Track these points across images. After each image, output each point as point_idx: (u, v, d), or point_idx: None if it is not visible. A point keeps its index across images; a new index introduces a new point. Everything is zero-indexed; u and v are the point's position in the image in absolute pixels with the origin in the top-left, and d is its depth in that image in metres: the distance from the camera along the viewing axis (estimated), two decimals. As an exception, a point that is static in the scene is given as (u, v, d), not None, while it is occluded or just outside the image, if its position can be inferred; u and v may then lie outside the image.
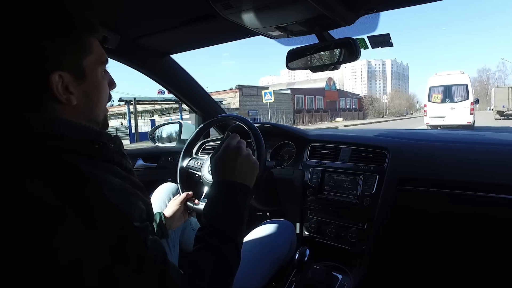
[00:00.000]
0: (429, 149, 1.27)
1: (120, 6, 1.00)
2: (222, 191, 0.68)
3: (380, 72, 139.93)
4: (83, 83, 0.56)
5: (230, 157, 0.72)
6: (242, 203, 0.69)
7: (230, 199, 0.67)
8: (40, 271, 0.41)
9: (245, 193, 0.70)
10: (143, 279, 0.47)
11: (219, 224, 0.64)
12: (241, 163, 0.72)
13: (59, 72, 0.52)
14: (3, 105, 0.52)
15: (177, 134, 1.87)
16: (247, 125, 1.10)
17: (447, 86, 11.67)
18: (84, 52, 0.56)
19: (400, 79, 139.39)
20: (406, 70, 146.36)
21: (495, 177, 1.07)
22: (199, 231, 0.64)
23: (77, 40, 0.55)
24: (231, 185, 0.69)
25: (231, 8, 0.91)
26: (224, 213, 0.65)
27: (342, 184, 1.31)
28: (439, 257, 1.26)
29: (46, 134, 0.51)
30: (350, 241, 1.26)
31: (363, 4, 0.95)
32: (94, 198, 0.46)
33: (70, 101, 0.54)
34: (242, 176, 0.71)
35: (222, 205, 0.66)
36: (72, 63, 0.54)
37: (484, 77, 75.61)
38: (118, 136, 0.63)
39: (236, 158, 0.72)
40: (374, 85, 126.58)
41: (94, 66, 0.58)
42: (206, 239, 0.62)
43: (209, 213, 0.66)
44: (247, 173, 0.72)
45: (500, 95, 20.60)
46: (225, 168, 0.71)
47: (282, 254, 1.05)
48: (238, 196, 0.68)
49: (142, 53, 1.38)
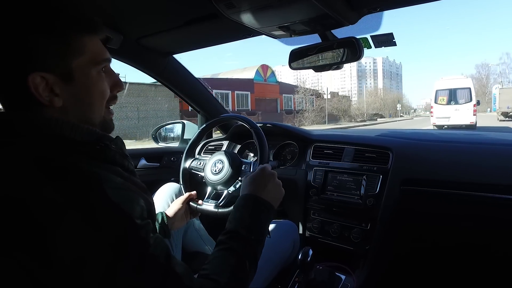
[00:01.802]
0: (432, 150, 1.26)
1: (123, 6, 1.00)
2: (251, 203, 0.74)
3: (371, 71, 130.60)
4: (71, 85, 0.54)
5: (264, 178, 0.80)
6: (266, 218, 0.75)
7: (257, 212, 0.73)
8: (43, 269, 0.41)
9: (269, 211, 0.76)
10: (146, 276, 0.47)
11: (244, 231, 0.67)
12: (272, 186, 0.80)
13: (41, 73, 0.50)
14: (6, 106, 0.52)
15: (180, 133, 1.87)
16: (249, 125, 1.10)
17: (452, 89, 12.77)
18: (73, 53, 0.53)
19: (392, 78, 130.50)
20: (399, 69, 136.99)
21: (499, 178, 1.06)
22: (223, 234, 0.67)
23: (65, 40, 0.52)
24: (261, 200, 0.75)
25: (233, 8, 0.91)
26: (249, 222, 0.70)
27: (345, 184, 1.30)
28: (443, 258, 1.25)
29: (48, 135, 0.51)
30: (353, 242, 1.26)
31: (366, 4, 0.94)
32: (96, 196, 0.46)
33: (54, 103, 0.52)
34: (270, 197, 0.78)
35: (249, 216, 0.71)
36: (58, 64, 0.52)
37: (483, 74, 63.92)
38: (120, 138, 0.63)
39: (269, 180, 0.80)
40: (364, 85, 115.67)
41: (85, 67, 0.55)
42: (230, 243, 0.65)
43: (235, 220, 0.70)
44: (275, 196, 0.80)
45: (504, 96, 20.28)
46: (257, 186, 0.78)
47: (285, 255, 1.05)
48: (264, 211, 0.74)
49: (145, 53, 1.38)
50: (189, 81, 1.66)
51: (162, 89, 14.90)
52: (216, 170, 1.09)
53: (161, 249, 0.51)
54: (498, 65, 59.32)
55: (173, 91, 1.66)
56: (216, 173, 1.08)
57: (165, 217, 0.98)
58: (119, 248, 0.45)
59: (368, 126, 21.48)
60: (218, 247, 0.64)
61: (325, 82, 59.56)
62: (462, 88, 12.64)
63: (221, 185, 1.07)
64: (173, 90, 1.65)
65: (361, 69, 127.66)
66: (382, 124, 25.82)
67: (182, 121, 1.88)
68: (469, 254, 1.20)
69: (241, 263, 0.62)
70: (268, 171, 0.83)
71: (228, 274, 0.59)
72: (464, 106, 12.35)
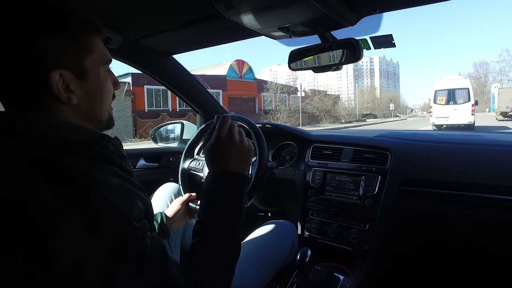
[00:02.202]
0: (431, 150, 1.26)
1: (122, 6, 1.00)
2: (216, 183, 0.67)
3: (368, 70, 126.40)
4: (85, 82, 0.56)
5: (222, 146, 0.69)
6: (238, 193, 0.67)
7: (225, 191, 0.66)
8: (42, 272, 0.41)
9: (240, 182, 0.68)
10: (144, 277, 0.47)
11: (216, 217, 0.63)
12: (235, 151, 0.69)
13: (59, 70, 0.52)
14: (7, 105, 0.52)
15: (179, 134, 1.87)
16: (248, 125, 1.10)
17: (450, 89, 13.11)
18: (85, 51, 0.56)
19: (389, 78, 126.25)
20: (396, 69, 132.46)
21: (498, 179, 1.06)
22: (197, 223, 0.64)
23: (78, 39, 0.55)
24: (225, 176, 0.67)
25: (233, 9, 0.91)
26: (220, 205, 0.64)
27: (344, 185, 1.31)
28: (441, 258, 1.25)
29: (46, 136, 0.51)
30: (351, 242, 1.26)
31: (366, 5, 0.94)
32: (94, 199, 0.46)
33: (71, 100, 0.54)
34: (236, 165, 0.69)
35: (217, 197, 0.65)
36: (73, 62, 0.54)
37: (482, 72, 59.71)
38: (118, 138, 0.63)
39: (230, 146, 0.69)
40: (361, 85, 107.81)
41: (96, 66, 0.58)
42: (204, 233, 0.62)
43: (205, 206, 0.65)
44: (241, 161, 0.70)
45: (504, 95, 20.15)
46: (218, 159, 0.69)
47: (284, 255, 1.05)
48: (234, 187, 0.67)
49: (145, 53, 1.38)
50: (188, 81, 1.67)
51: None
52: None
53: (157, 249, 0.51)
54: (497, 62, 54.71)
55: (172, 91, 1.66)
56: None
57: (164, 217, 0.98)
58: (117, 251, 0.45)
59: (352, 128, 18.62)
60: (194, 240, 0.61)
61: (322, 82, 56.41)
62: (461, 89, 12.98)
63: None
64: (172, 90, 1.66)
65: (357, 68, 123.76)
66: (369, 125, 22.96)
67: (181, 121, 1.89)
68: (467, 254, 1.20)
69: (220, 252, 0.60)
70: (224, 135, 0.70)
71: (209, 267, 0.58)
72: (462, 106, 12.66)
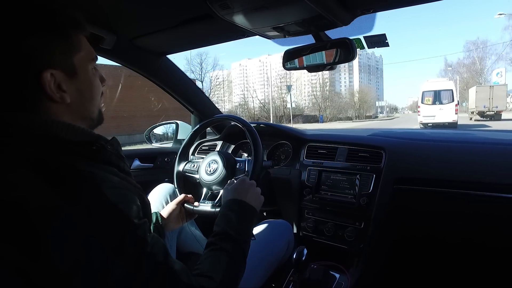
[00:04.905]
0: (424, 149, 1.28)
1: (117, 6, 1.00)
2: (237, 207, 0.79)
3: (346, 64, 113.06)
4: (75, 81, 0.57)
5: (245, 186, 0.86)
6: (251, 220, 0.80)
7: (243, 214, 0.78)
8: (40, 271, 0.41)
9: (253, 214, 0.82)
10: (144, 274, 0.48)
11: (233, 232, 0.71)
12: (253, 192, 0.86)
13: (50, 70, 0.52)
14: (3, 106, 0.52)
15: (174, 134, 1.86)
16: (242, 124, 1.10)
17: (436, 91, 14.50)
18: (73, 49, 0.57)
19: (371, 73, 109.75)
20: (379, 63, 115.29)
21: (489, 176, 1.08)
22: (212, 236, 0.71)
23: (66, 38, 0.55)
24: (245, 204, 0.81)
25: (228, 9, 0.91)
26: (237, 224, 0.74)
27: (339, 184, 1.32)
28: (436, 255, 1.27)
29: (44, 136, 0.51)
30: (347, 240, 1.27)
31: (359, 5, 0.95)
32: (94, 196, 0.46)
33: (64, 100, 0.55)
34: (253, 202, 0.83)
35: (237, 218, 0.76)
36: (63, 60, 0.55)
37: (477, 57, 41.58)
38: (116, 139, 0.63)
39: (250, 188, 0.86)
40: (338, 80, 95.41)
41: (84, 63, 0.59)
42: (220, 244, 0.68)
43: (223, 223, 0.74)
44: (256, 201, 0.85)
45: (481, 94, 19.22)
46: (240, 193, 0.83)
47: (280, 254, 1.06)
48: (249, 214, 0.80)
49: (139, 53, 1.37)
50: (183, 81, 1.66)
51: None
52: (210, 171, 1.09)
53: (158, 248, 0.52)
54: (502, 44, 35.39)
55: (167, 91, 1.65)
56: (211, 173, 1.08)
57: (159, 217, 0.97)
58: (118, 248, 0.45)
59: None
60: (209, 248, 0.68)
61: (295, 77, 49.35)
62: (445, 90, 14.35)
63: (216, 185, 1.07)
64: (167, 91, 1.65)
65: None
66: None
67: (176, 121, 1.88)
68: (462, 251, 1.22)
69: (232, 262, 0.66)
70: (247, 181, 0.89)
71: (221, 272, 0.62)
72: (447, 106, 14.00)
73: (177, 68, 1.59)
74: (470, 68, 42.78)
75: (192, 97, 1.74)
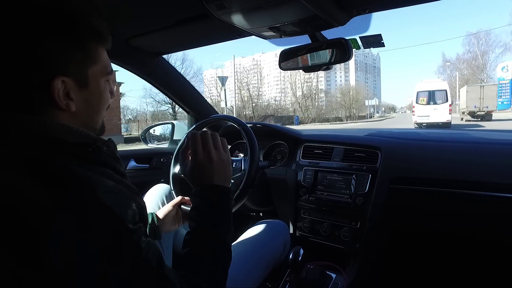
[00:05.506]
0: (420, 149, 1.28)
1: (112, 6, 0.99)
2: (206, 196, 0.70)
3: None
4: (85, 91, 0.56)
5: (202, 165, 0.72)
6: (227, 204, 0.71)
7: (216, 202, 0.69)
8: (34, 275, 0.41)
9: (226, 194, 0.72)
10: (139, 280, 0.47)
11: (209, 226, 0.65)
12: (215, 166, 0.72)
13: (62, 77, 0.51)
14: (3, 106, 0.51)
15: (170, 134, 1.86)
16: (239, 125, 1.10)
17: (431, 91, 14.73)
18: (90, 61, 0.56)
19: (368, 71, 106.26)
20: (376, 62, 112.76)
21: (484, 176, 1.09)
22: (188, 234, 0.66)
23: (84, 48, 0.54)
24: (214, 188, 0.71)
25: (224, 9, 0.91)
26: (212, 215, 0.67)
27: (335, 184, 1.32)
28: (431, 254, 1.27)
29: (40, 137, 0.50)
30: (343, 240, 1.27)
31: (355, 5, 0.95)
32: (88, 200, 0.46)
33: (70, 107, 0.54)
34: (219, 179, 0.72)
35: (209, 209, 0.68)
36: (78, 70, 0.54)
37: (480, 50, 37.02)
38: (112, 140, 0.63)
39: (210, 163, 0.72)
40: (333, 79, 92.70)
41: (98, 76, 0.58)
42: (198, 242, 0.64)
43: (195, 217, 0.67)
44: (223, 174, 0.73)
45: (472, 94, 18.92)
46: (201, 178, 0.72)
47: (276, 254, 1.05)
48: (220, 198, 0.70)
49: (135, 54, 1.37)
50: (178, 81, 1.66)
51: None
52: None
53: (153, 254, 0.51)
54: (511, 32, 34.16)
55: (163, 91, 1.65)
56: None
57: (155, 218, 0.97)
58: (112, 253, 0.45)
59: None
60: (186, 249, 0.63)
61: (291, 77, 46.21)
62: (440, 90, 14.60)
63: None
64: (163, 91, 1.64)
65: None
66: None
67: (172, 121, 1.88)
68: (457, 250, 1.23)
69: (215, 259, 0.62)
70: (200, 154, 0.73)
71: (207, 274, 0.59)
72: (441, 106, 14.29)
73: (173, 68, 1.58)
74: (470, 64, 38.47)
75: (188, 97, 1.73)
